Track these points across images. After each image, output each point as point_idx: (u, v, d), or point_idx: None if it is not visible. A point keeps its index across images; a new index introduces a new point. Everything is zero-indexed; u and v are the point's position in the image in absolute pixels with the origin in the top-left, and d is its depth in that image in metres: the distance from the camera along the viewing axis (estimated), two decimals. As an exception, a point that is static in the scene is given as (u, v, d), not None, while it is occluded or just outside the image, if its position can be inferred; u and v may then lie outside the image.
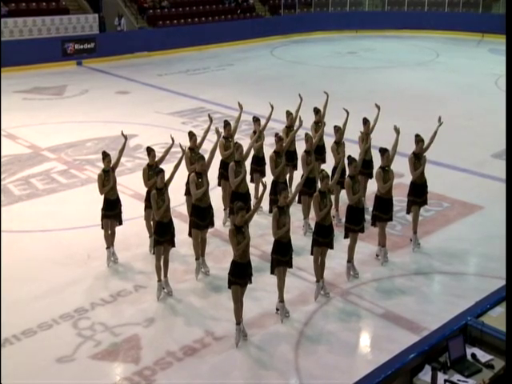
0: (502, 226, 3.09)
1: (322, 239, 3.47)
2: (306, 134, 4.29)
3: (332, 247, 3.55)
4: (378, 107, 4.72)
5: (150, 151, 3.91)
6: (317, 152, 4.58)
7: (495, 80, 9.12)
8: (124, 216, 4.01)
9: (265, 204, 4.49)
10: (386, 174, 3.84)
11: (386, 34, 13.71)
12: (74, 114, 7.56)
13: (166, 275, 3.63)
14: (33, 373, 2.98)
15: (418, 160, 4.07)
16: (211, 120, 4.48)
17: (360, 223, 3.72)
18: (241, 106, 4.76)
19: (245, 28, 12.89)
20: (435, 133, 4.19)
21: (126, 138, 4.05)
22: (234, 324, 3.21)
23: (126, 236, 4.13)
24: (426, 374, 2.27)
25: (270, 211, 4.24)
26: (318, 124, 4.79)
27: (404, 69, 10.45)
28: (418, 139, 4.09)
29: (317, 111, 4.85)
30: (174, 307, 3.54)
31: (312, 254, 3.53)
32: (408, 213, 4.20)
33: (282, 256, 3.27)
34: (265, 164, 4.58)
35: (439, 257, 4.11)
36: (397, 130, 4.17)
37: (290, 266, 3.35)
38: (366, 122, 4.61)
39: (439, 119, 4.24)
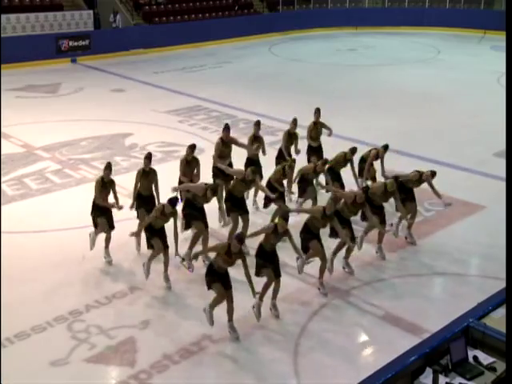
0: (504, 226, 3.02)
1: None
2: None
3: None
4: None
5: (148, 157, 3.88)
6: (316, 151, 4.65)
7: (497, 78, 9.05)
8: (119, 216, 3.96)
9: (261, 203, 4.45)
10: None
11: (387, 30, 13.65)
12: (69, 113, 7.47)
13: (166, 270, 3.61)
14: (26, 376, 2.93)
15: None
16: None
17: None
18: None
19: (242, 25, 12.77)
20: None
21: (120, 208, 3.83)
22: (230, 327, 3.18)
23: (121, 236, 4.06)
24: (427, 377, 2.26)
25: (265, 207, 4.27)
26: (317, 125, 4.82)
27: (404, 66, 10.37)
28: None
29: (317, 111, 4.86)
30: (171, 309, 3.49)
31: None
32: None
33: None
34: (261, 167, 4.55)
35: (440, 257, 4.07)
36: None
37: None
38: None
39: None
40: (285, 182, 4.33)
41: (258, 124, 4.55)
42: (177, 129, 6.63)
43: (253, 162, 4.55)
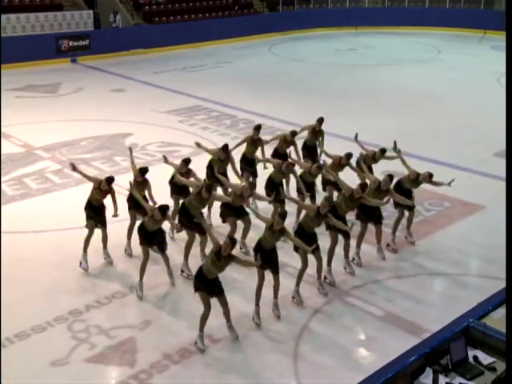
0: (504, 226, 3.03)
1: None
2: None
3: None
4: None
5: (142, 172, 3.89)
6: (311, 151, 4.67)
7: (497, 77, 9.04)
8: (119, 216, 3.94)
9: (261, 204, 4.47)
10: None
11: (387, 30, 13.64)
12: (69, 113, 7.47)
13: (168, 267, 3.64)
14: (26, 376, 2.94)
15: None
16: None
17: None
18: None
19: (242, 25, 12.77)
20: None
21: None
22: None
23: (121, 237, 4.07)
24: (427, 377, 2.27)
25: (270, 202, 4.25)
26: (316, 133, 4.79)
27: (405, 66, 10.37)
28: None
29: (320, 120, 4.83)
30: (171, 309, 3.49)
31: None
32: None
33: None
34: (256, 166, 4.54)
35: (440, 257, 4.06)
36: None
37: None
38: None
39: None
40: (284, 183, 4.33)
41: (257, 128, 4.53)
42: (177, 129, 6.63)
43: (248, 161, 4.52)
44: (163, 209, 3.42)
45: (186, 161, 4.05)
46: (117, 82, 9.15)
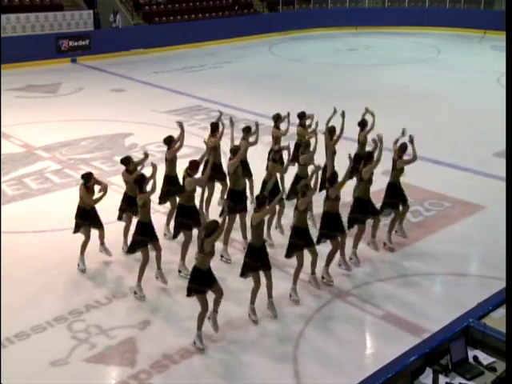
0: (504, 226, 3.03)
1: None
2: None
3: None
4: (370, 113, 4.71)
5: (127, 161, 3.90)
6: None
7: (497, 77, 9.05)
8: (116, 216, 3.96)
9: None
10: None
11: (387, 30, 13.66)
12: (69, 113, 7.48)
13: (159, 267, 3.65)
14: (26, 376, 2.94)
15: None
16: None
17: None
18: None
19: (242, 25, 12.80)
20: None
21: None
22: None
23: (119, 236, 4.07)
24: (427, 377, 2.26)
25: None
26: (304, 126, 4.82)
27: (404, 66, 10.38)
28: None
29: (302, 116, 4.85)
30: (170, 310, 3.50)
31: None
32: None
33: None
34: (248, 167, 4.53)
35: (440, 257, 4.07)
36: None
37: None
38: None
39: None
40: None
41: (247, 131, 4.51)
42: (177, 129, 6.63)
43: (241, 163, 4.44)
44: (139, 180, 3.41)
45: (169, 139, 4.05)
46: (117, 82, 9.14)
